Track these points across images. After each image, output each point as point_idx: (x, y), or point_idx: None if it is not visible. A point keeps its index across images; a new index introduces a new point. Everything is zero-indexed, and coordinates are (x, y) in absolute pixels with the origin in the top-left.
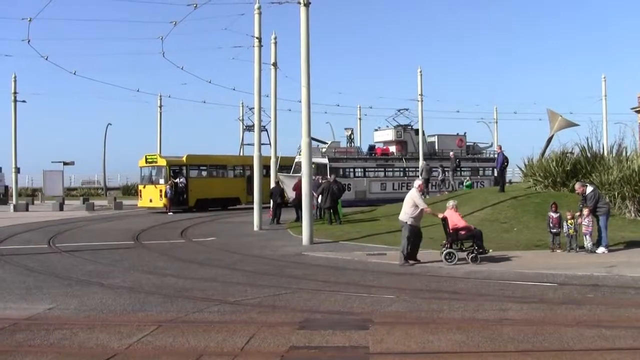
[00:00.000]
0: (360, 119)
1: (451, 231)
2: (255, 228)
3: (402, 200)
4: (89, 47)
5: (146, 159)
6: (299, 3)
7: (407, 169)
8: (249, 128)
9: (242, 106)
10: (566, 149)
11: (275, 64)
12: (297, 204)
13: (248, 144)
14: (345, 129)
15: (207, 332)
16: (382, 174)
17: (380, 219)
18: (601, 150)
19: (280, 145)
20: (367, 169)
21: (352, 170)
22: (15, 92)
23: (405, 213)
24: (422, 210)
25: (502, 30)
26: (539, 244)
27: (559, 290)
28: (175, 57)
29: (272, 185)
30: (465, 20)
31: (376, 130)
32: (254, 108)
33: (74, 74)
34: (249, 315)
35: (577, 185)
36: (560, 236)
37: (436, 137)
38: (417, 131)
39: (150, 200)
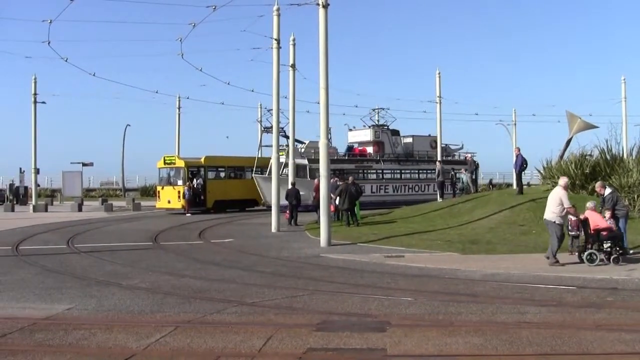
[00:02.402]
0: (377, 120)
1: (592, 232)
2: (273, 230)
3: (380, 205)
4: (108, 49)
5: (164, 160)
6: (318, 5)
7: (384, 171)
8: (267, 130)
9: (261, 108)
10: (585, 151)
11: (293, 66)
12: (317, 206)
13: (266, 146)
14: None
15: (225, 333)
16: (360, 176)
17: (398, 221)
18: (621, 153)
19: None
20: (345, 171)
21: (331, 172)
22: (35, 94)
23: (552, 212)
24: (566, 209)
25: (521, 31)
26: None
27: (577, 294)
28: (194, 59)
29: (289, 187)
30: (483, 22)
31: (350, 130)
32: (272, 109)
33: (94, 75)
34: (267, 317)
35: (598, 185)
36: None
37: (412, 138)
38: (393, 132)
39: (169, 202)
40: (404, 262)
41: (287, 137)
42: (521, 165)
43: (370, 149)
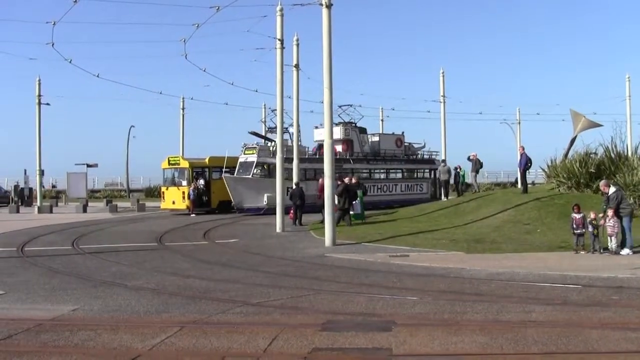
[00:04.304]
0: (382, 120)
1: None
2: (278, 230)
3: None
4: (112, 50)
5: (169, 160)
6: (321, 5)
7: (353, 171)
8: (272, 130)
9: (265, 108)
10: (590, 149)
11: (297, 66)
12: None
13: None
14: (291, 125)
15: (230, 333)
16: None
17: (402, 221)
18: (625, 151)
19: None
20: (317, 171)
21: (303, 171)
22: (39, 95)
23: None
24: None
25: (525, 30)
26: (562, 246)
27: (583, 292)
28: (198, 59)
29: (293, 187)
30: (487, 21)
31: (317, 127)
32: (276, 110)
33: (97, 76)
34: (272, 317)
35: (602, 183)
36: (584, 237)
37: (379, 136)
38: (361, 129)
39: (173, 202)
40: (409, 262)
41: (262, 137)
42: (526, 164)
43: (339, 148)
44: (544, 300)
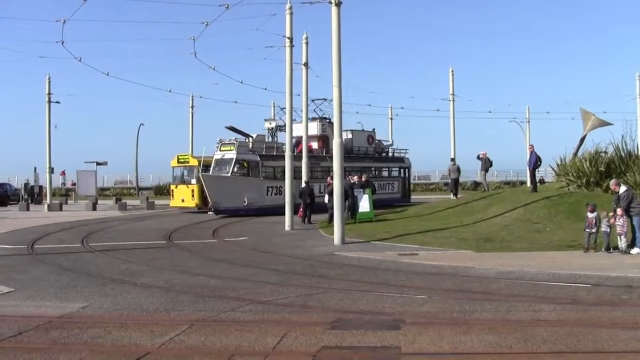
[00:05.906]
0: (391, 119)
1: None
2: (287, 228)
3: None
4: (122, 48)
5: (178, 159)
6: (330, 3)
7: (330, 170)
8: (281, 128)
9: (274, 106)
10: (600, 148)
11: (306, 64)
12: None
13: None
14: (266, 120)
15: (239, 331)
16: (308, 174)
17: (412, 219)
18: (636, 150)
19: None
20: (296, 169)
21: (282, 170)
22: (49, 93)
23: None
24: None
25: (534, 29)
26: (572, 245)
27: (592, 291)
28: (207, 58)
29: (302, 185)
30: (497, 20)
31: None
32: (285, 108)
33: (107, 74)
34: (281, 315)
35: (612, 182)
36: (596, 236)
37: (352, 133)
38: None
39: (182, 200)
40: (418, 260)
41: (240, 132)
42: (535, 162)
43: (315, 144)
44: (553, 300)
